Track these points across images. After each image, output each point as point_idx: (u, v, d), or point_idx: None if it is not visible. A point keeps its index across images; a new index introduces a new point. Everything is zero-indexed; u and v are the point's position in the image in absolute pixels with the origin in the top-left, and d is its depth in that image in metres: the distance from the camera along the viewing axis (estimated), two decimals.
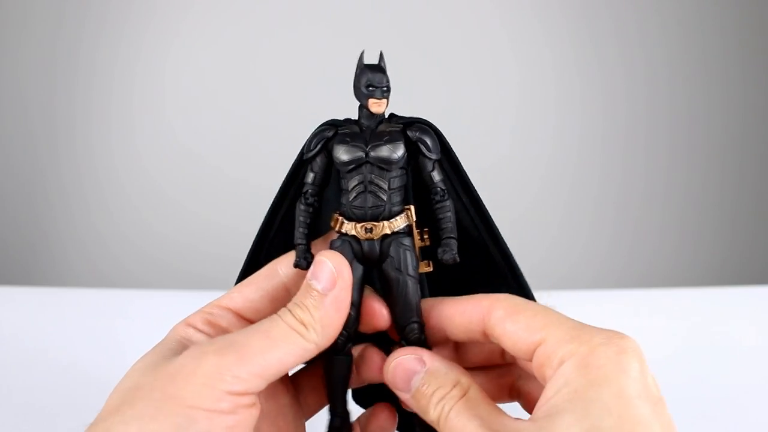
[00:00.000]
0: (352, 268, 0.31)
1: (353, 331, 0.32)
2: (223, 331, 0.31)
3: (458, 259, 0.31)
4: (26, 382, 0.54)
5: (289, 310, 0.29)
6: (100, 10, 1.38)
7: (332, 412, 0.34)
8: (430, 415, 0.29)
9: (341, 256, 0.31)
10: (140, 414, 0.26)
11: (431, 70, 1.38)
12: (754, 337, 0.61)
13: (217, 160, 1.39)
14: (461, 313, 0.31)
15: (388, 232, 0.31)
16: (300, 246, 0.32)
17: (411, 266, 0.31)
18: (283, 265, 0.33)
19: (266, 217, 0.34)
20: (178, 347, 0.29)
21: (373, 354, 0.33)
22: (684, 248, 1.41)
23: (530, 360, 0.28)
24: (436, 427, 0.29)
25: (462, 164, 0.33)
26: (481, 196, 0.34)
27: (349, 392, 0.34)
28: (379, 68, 0.32)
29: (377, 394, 0.35)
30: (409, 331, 0.31)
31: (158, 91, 1.41)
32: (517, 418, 0.27)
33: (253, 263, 0.35)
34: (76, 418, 0.30)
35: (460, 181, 0.33)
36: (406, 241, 0.32)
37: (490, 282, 0.34)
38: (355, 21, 1.39)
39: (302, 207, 0.32)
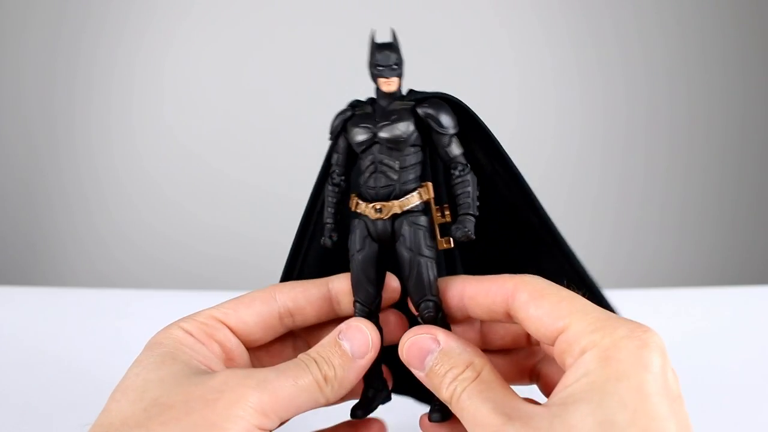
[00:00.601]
0: (366, 245, 0.32)
1: (375, 307, 0.32)
2: (220, 344, 0.32)
3: (473, 237, 0.30)
4: (26, 382, 0.54)
5: (316, 363, 0.30)
6: (100, 10, 1.37)
7: (366, 383, 0.34)
8: (443, 394, 0.29)
9: (375, 328, 0.31)
10: None
11: (430, 70, 1.37)
12: (754, 337, 0.61)
13: (217, 161, 1.39)
14: (485, 294, 0.31)
15: (398, 211, 0.31)
16: (327, 225, 0.33)
17: (424, 245, 0.31)
18: (280, 293, 0.33)
19: (305, 210, 0.35)
20: (182, 356, 0.30)
21: (389, 315, 0.34)
22: (684, 248, 1.41)
23: (552, 345, 0.28)
24: (448, 406, 0.29)
25: (495, 135, 0.32)
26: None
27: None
28: (387, 46, 0.31)
29: (415, 383, 0.35)
30: (424, 308, 0.31)
31: (158, 91, 1.41)
32: (529, 400, 0.28)
33: (296, 254, 0.36)
34: (76, 418, 0.30)
35: (495, 153, 0.32)
36: (421, 219, 0.31)
37: (533, 252, 0.34)
38: (354, 22, 1.38)
39: (329, 187, 0.33)
